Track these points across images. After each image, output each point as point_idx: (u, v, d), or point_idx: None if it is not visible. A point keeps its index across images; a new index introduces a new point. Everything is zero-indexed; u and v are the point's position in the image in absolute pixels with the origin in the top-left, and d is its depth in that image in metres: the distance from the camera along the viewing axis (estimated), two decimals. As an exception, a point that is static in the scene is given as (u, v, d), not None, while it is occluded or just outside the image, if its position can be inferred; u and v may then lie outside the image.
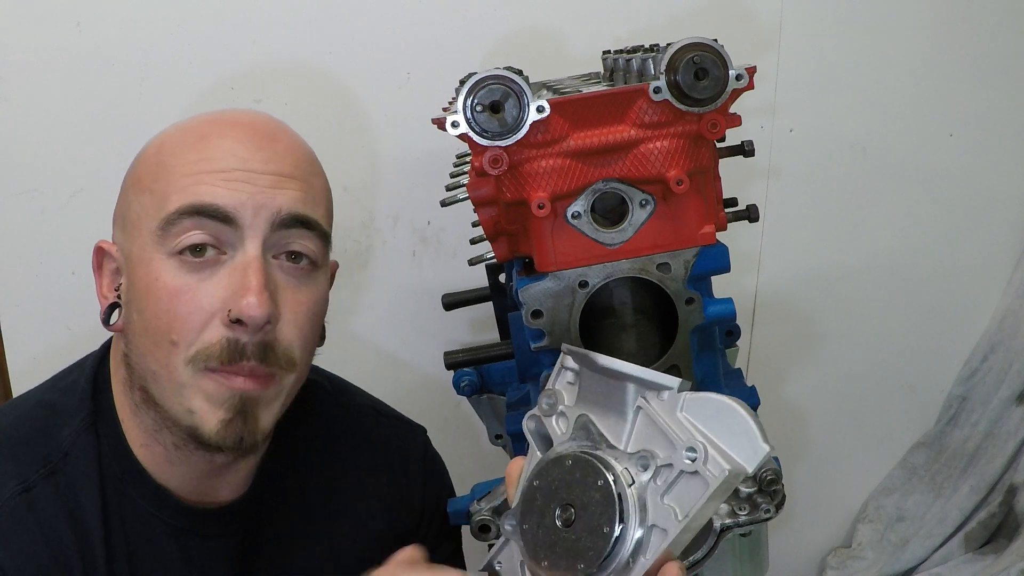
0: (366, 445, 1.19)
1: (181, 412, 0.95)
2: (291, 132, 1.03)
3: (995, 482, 2.00)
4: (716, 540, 0.96)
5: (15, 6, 1.60)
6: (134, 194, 0.99)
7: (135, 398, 0.99)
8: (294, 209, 0.96)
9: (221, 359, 0.93)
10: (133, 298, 0.97)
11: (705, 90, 0.88)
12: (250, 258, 0.94)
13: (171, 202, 0.94)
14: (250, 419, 0.96)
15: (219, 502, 1.06)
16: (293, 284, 0.97)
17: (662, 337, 0.96)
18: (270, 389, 0.97)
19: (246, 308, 0.91)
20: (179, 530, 1.03)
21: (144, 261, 0.95)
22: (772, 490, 0.96)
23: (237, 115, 1.02)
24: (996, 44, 1.92)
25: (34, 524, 0.96)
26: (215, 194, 0.93)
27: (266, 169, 0.96)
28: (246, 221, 0.94)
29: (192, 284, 0.93)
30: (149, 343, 0.95)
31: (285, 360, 0.96)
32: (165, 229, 0.94)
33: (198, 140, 0.97)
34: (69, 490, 0.98)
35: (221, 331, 0.93)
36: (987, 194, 1.99)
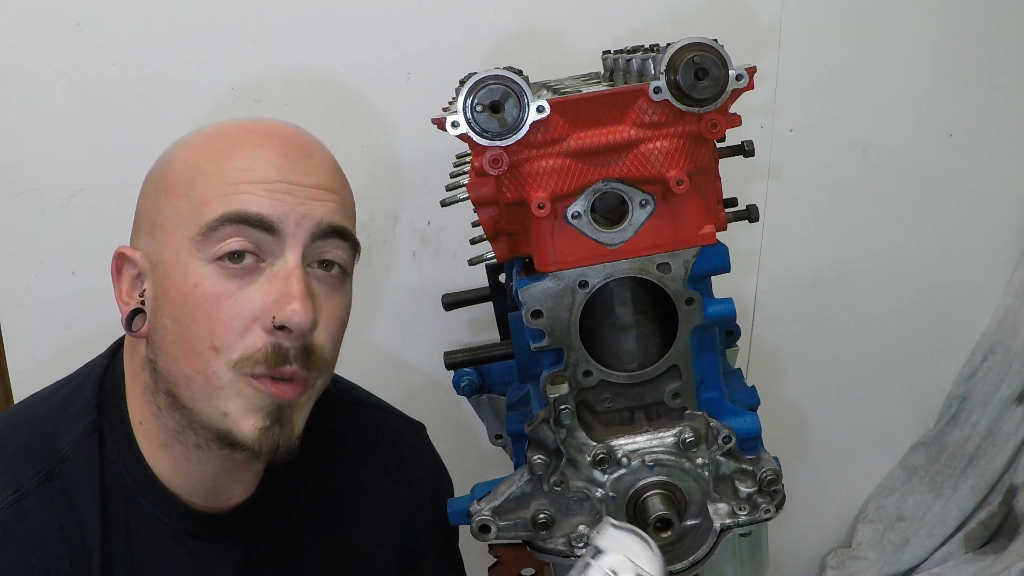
0: (372, 444, 1.20)
1: (215, 415, 0.96)
2: (322, 144, 1.05)
3: (995, 482, 2.00)
4: (716, 540, 0.96)
5: (15, 6, 1.60)
6: (166, 199, 0.98)
7: (159, 401, 0.99)
8: (333, 221, 0.99)
9: (267, 364, 0.94)
10: (164, 304, 0.97)
11: (705, 90, 0.88)
12: (292, 267, 0.95)
13: (212, 208, 0.94)
14: (287, 425, 0.97)
15: (227, 506, 1.06)
16: (326, 292, 1.00)
17: (662, 337, 0.96)
18: (305, 394, 0.99)
19: (291, 315, 0.93)
20: (187, 534, 1.03)
21: (179, 267, 0.95)
22: (772, 490, 0.96)
23: (271, 125, 1.03)
24: (996, 44, 1.93)
25: (25, 535, 0.95)
26: (260, 203, 0.95)
27: (306, 181, 0.98)
28: (288, 231, 0.96)
29: (232, 290, 0.94)
30: (186, 349, 0.95)
31: (323, 364, 0.99)
32: (206, 235, 0.94)
33: (237, 148, 0.98)
34: (64, 497, 0.98)
35: (264, 337, 0.94)
36: (987, 194, 1.99)
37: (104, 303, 1.14)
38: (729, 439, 0.95)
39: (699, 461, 0.95)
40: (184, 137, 1.03)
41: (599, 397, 0.96)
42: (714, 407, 0.98)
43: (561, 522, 0.96)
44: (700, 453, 0.95)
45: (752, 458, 0.97)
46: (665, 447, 0.95)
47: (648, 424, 0.97)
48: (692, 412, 0.96)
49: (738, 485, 0.97)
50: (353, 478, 1.16)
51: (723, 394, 0.99)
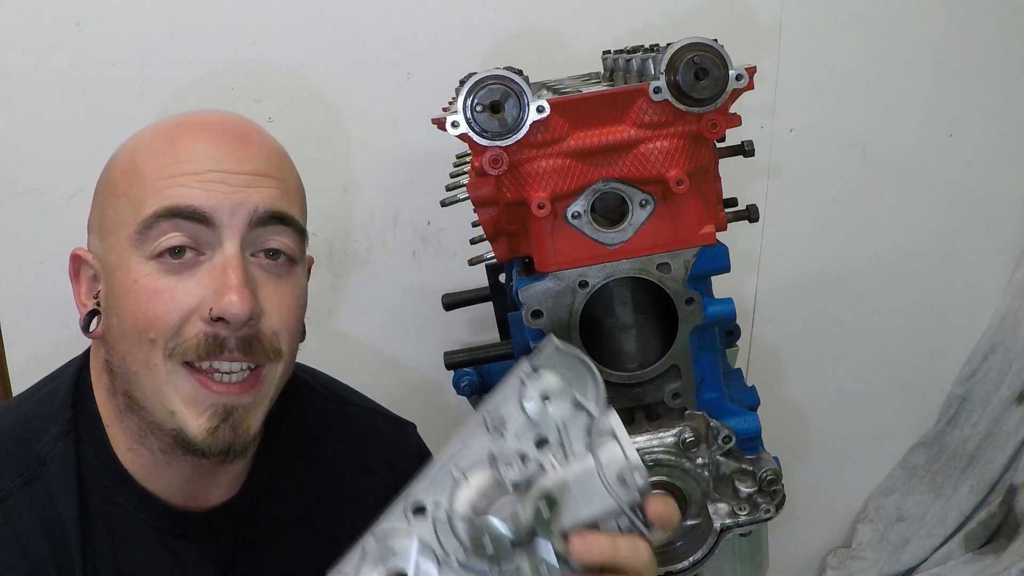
0: (358, 444, 1.19)
1: (164, 414, 0.95)
2: (263, 131, 1.03)
3: (995, 482, 2.00)
4: (716, 540, 0.96)
5: (15, 6, 1.60)
6: (108, 200, 0.99)
7: (119, 404, 0.99)
8: (271, 206, 0.97)
9: (199, 352, 0.93)
10: (112, 303, 0.97)
11: (705, 90, 0.88)
12: (229, 257, 0.94)
13: (147, 206, 0.94)
14: (239, 426, 0.96)
15: (209, 505, 1.05)
16: (273, 280, 0.98)
17: (662, 337, 0.96)
18: (256, 391, 0.97)
19: (228, 306, 0.92)
20: (169, 535, 1.02)
21: (122, 266, 0.96)
22: (772, 490, 0.96)
23: (208, 116, 1.02)
24: (996, 44, 1.92)
25: (11, 536, 0.96)
26: (191, 195, 0.94)
27: (240, 169, 0.96)
28: (223, 220, 0.94)
29: (171, 284, 0.94)
30: (129, 344, 0.95)
31: (272, 351, 0.97)
32: (143, 233, 0.94)
33: (170, 143, 0.97)
34: (46, 498, 0.98)
35: (200, 326, 0.93)
36: (987, 194, 1.99)
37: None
38: (729, 439, 0.95)
39: (699, 461, 0.95)
40: (129, 137, 1.03)
41: (599, 397, 0.96)
42: (714, 407, 0.98)
43: (561, 522, 0.96)
44: (700, 453, 0.95)
45: (752, 458, 0.97)
46: (665, 447, 0.95)
47: (648, 424, 0.96)
48: (692, 412, 0.96)
49: (738, 485, 0.97)
50: (338, 477, 1.16)
51: (723, 394, 0.99)
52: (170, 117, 1.03)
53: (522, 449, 0.78)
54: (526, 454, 0.78)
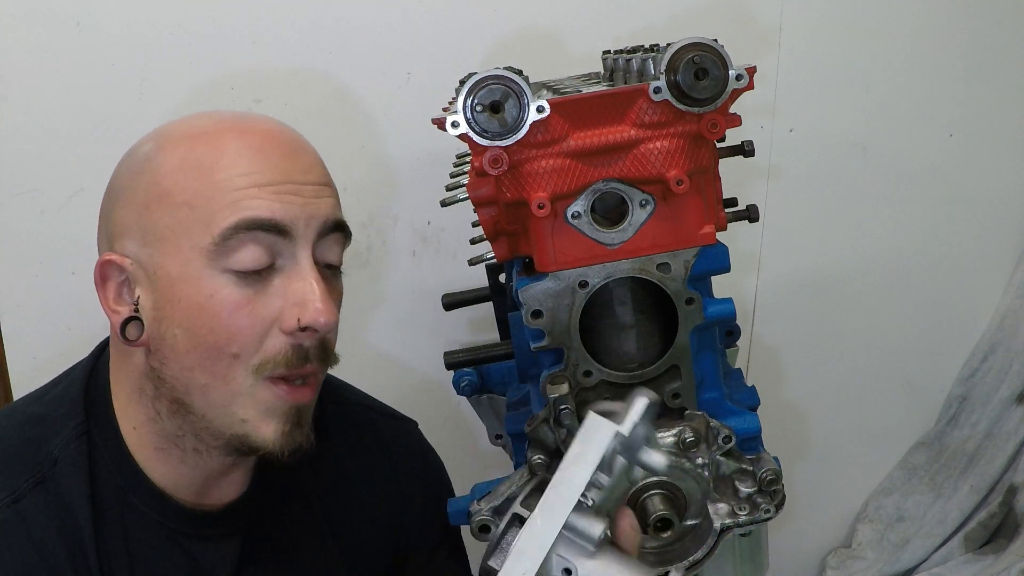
0: (361, 442, 1.20)
1: (231, 421, 0.96)
2: (306, 139, 1.04)
3: (995, 482, 2.00)
4: (716, 540, 0.96)
5: (15, 6, 1.60)
6: (163, 208, 0.96)
7: (160, 407, 0.99)
8: (336, 216, 1.00)
9: (288, 365, 0.95)
10: (172, 314, 0.96)
11: (705, 90, 0.88)
12: (307, 268, 0.96)
13: (223, 217, 0.94)
14: (304, 426, 0.99)
15: (220, 504, 1.06)
16: (331, 287, 1.00)
17: (662, 337, 0.96)
18: (315, 393, 1.01)
19: (317, 315, 0.94)
20: (181, 534, 1.03)
21: (190, 278, 0.95)
22: (772, 490, 0.96)
23: (258, 124, 1.01)
24: (996, 44, 1.93)
25: (25, 536, 0.96)
26: (272, 208, 0.94)
27: (306, 180, 0.98)
28: (299, 232, 0.96)
29: (250, 296, 0.95)
30: (202, 357, 0.95)
31: (335, 358, 1.02)
32: (220, 245, 0.94)
33: (233, 152, 0.96)
34: (59, 499, 0.98)
35: (283, 339, 0.95)
36: (987, 194, 1.99)
37: (104, 303, 1.14)
38: (729, 439, 0.95)
39: (699, 461, 0.95)
40: (156, 139, 1.00)
41: (599, 397, 0.96)
42: (714, 407, 0.97)
43: (561, 522, 0.96)
44: (700, 453, 0.95)
45: (752, 458, 0.97)
46: (665, 447, 0.95)
47: (648, 424, 0.96)
48: (692, 412, 0.96)
49: (738, 485, 0.96)
50: (342, 475, 1.17)
51: (723, 394, 0.99)
52: (208, 118, 1.01)
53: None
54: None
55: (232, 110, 1.06)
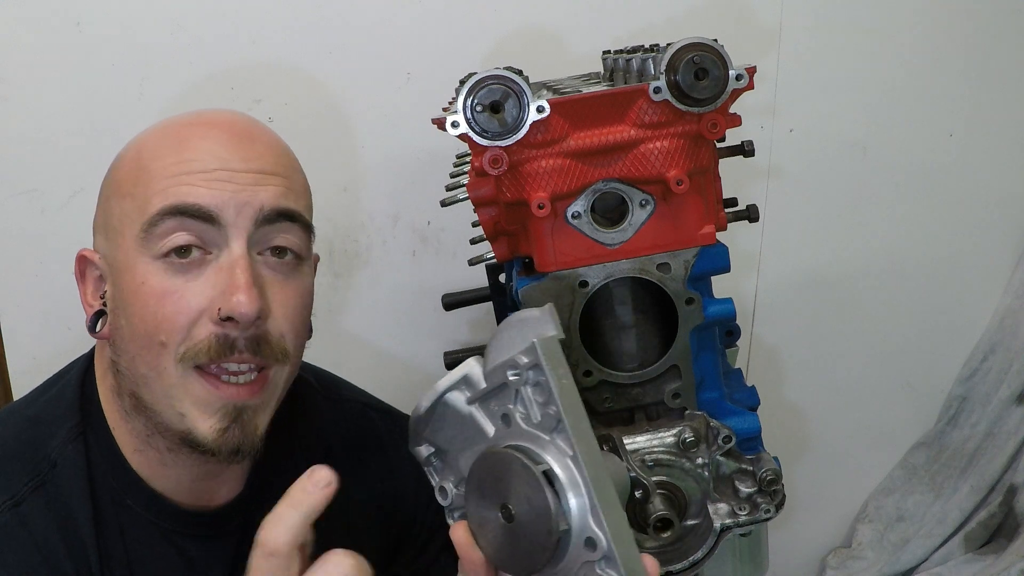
0: (357, 439, 1.20)
1: (173, 416, 0.95)
2: (269, 130, 1.03)
3: (995, 482, 2.00)
4: (716, 540, 0.96)
5: (15, 6, 1.60)
6: (115, 200, 0.98)
7: (125, 404, 0.99)
8: (277, 204, 0.97)
9: (210, 355, 0.93)
10: (120, 304, 0.97)
11: (705, 90, 0.88)
12: (236, 256, 0.94)
13: (153, 204, 0.94)
14: (248, 426, 0.96)
15: (215, 504, 1.06)
16: (280, 279, 0.98)
17: (662, 337, 0.96)
18: (264, 393, 0.98)
19: (236, 305, 0.92)
20: (177, 534, 1.03)
21: (129, 266, 0.95)
22: (772, 490, 0.96)
23: (215, 115, 1.02)
24: (996, 44, 1.92)
25: (27, 538, 0.96)
26: (197, 194, 0.93)
27: (246, 167, 0.96)
28: (229, 219, 0.94)
29: (179, 285, 0.94)
30: (138, 346, 0.95)
31: (279, 352, 0.97)
32: (148, 231, 0.94)
33: (177, 142, 0.97)
34: (59, 501, 0.98)
35: (210, 328, 0.93)
36: (987, 194, 1.99)
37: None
38: (729, 439, 0.95)
39: (699, 461, 0.95)
40: (133, 138, 1.03)
41: (599, 397, 0.96)
42: (714, 407, 0.97)
43: (561, 522, 0.96)
44: (700, 453, 0.95)
45: (752, 458, 0.97)
46: (665, 447, 0.95)
47: (648, 424, 0.96)
48: (692, 412, 0.96)
49: (738, 485, 0.96)
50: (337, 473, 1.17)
51: (723, 394, 0.99)
52: (177, 116, 1.02)
53: None
54: None
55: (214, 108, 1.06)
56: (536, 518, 0.72)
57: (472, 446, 0.80)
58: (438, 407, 0.83)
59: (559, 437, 0.72)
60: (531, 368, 0.74)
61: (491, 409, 0.79)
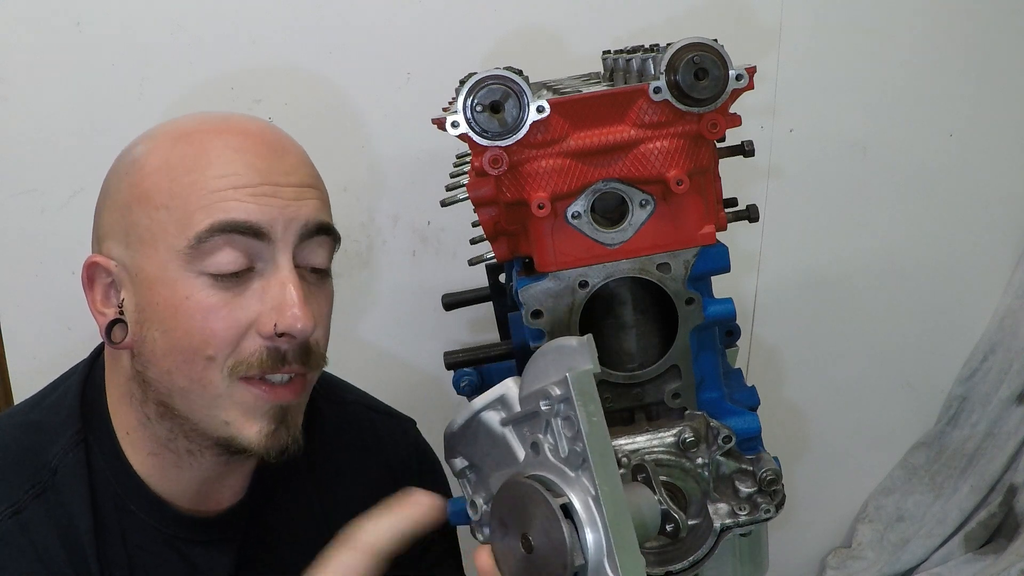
0: (358, 441, 1.20)
1: (215, 424, 0.96)
2: (294, 140, 1.03)
3: (995, 482, 2.00)
4: (716, 540, 0.96)
5: (15, 6, 1.60)
6: (141, 210, 0.96)
7: (148, 411, 0.99)
8: (318, 219, 0.98)
9: (262, 367, 0.94)
10: (151, 317, 0.95)
11: (705, 90, 0.88)
12: (286, 272, 0.95)
13: (198, 220, 0.93)
14: (291, 426, 0.98)
15: (217, 509, 1.06)
16: (315, 290, 0.99)
17: (662, 337, 0.96)
18: (304, 393, 1.00)
19: (294, 322, 0.93)
20: (180, 540, 1.03)
21: (167, 280, 0.94)
22: (772, 490, 0.96)
23: (241, 124, 1.01)
24: (996, 44, 1.93)
25: (28, 546, 0.96)
26: (248, 210, 0.93)
27: (288, 181, 0.96)
28: (278, 235, 0.95)
29: (227, 299, 0.94)
30: (177, 360, 0.95)
31: (320, 359, 1.00)
32: (195, 247, 0.93)
33: (212, 153, 0.96)
34: (60, 508, 0.98)
35: (259, 342, 0.94)
36: (987, 194, 1.99)
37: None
38: (729, 439, 0.95)
39: (699, 461, 0.95)
40: (146, 138, 1.00)
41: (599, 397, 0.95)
42: (714, 407, 0.97)
43: (561, 522, 0.96)
44: (700, 453, 0.95)
45: (752, 458, 0.97)
46: (665, 447, 0.94)
47: (648, 424, 0.96)
48: (692, 412, 0.96)
49: (738, 485, 0.96)
50: (340, 477, 1.16)
51: (723, 394, 0.99)
52: (196, 120, 1.00)
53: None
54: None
55: (224, 111, 1.05)
56: (553, 550, 0.72)
57: (503, 468, 0.80)
58: (472, 424, 0.83)
59: (584, 475, 0.72)
60: (562, 401, 0.74)
61: (523, 434, 0.79)
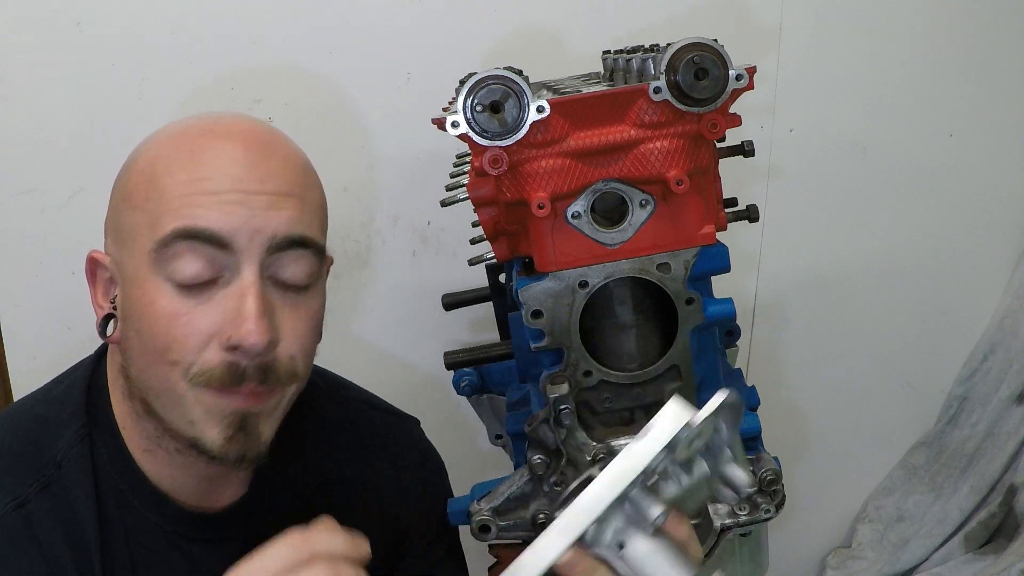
0: (362, 440, 1.20)
1: (183, 423, 0.95)
2: (286, 142, 1.00)
3: (995, 482, 2.00)
4: (716, 540, 0.96)
5: (15, 6, 1.60)
6: (126, 209, 0.96)
7: (135, 407, 0.99)
8: (290, 231, 0.94)
9: (222, 381, 0.92)
10: (130, 315, 0.96)
11: (705, 90, 0.88)
12: (246, 284, 0.92)
13: (164, 224, 0.92)
14: (252, 434, 0.96)
15: (220, 506, 1.06)
16: (291, 303, 0.96)
17: (662, 337, 0.96)
18: (270, 401, 0.97)
19: (246, 335, 0.90)
20: (181, 537, 1.03)
21: (139, 281, 0.94)
22: (772, 490, 0.96)
23: (231, 125, 0.99)
24: (996, 44, 1.92)
25: (30, 539, 0.96)
26: (209, 218, 0.91)
27: (261, 189, 0.93)
28: (242, 246, 0.92)
29: (189, 307, 0.92)
30: (148, 361, 0.95)
31: (287, 376, 0.96)
32: (159, 251, 0.92)
33: (190, 156, 0.94)
34: (64, 503, 0.98)
35: (220, 354, 0.92)
36: (987, 194, 1.99)
37: (104, 303, 1.13)
38: (729, 439, 0.95)
39: (699, 461, 0.95)
40: (148, 139, 1.00)
41: (599, 397, 0.96)
42: (714, 407, 0.97)
43: (561, 522, 0.96)
44: (700, 453, 0.95)
45: (752, 458, 0.97)
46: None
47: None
48: (692, 412, 0.96)
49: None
50: (342, 475, 1.16)
51: (723, 394, 0.99)
52: (192, 120, 0.99)
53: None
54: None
55: (224, 112, 1.04)
56: None
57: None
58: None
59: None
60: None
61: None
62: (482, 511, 0.97)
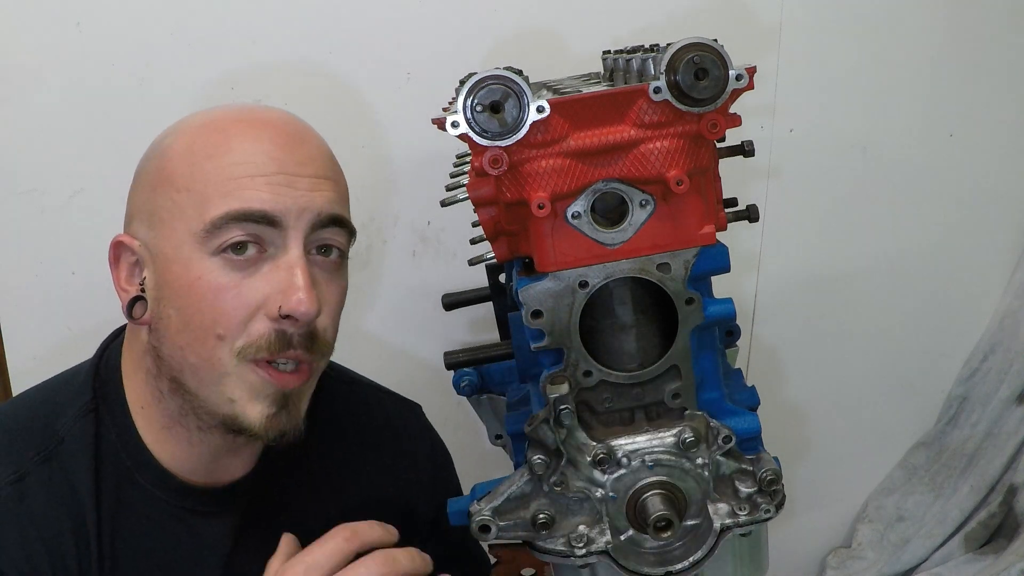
0: (369, 421, 1.22)
1: (221, 401, 0.98)
2: (314, 131, 1.07)
3: (995, 482, 2.00)
4: (716, 540, 0.96)
5: (15, 6, 1.60)
6: (164, 191, 1.00)
7: (162, 386, 1.02)
8: (331, 210, 1.01)
9: (270, 350, 0.97)
10: (168, 295, 0.99)
11: (705, 90, 0.87)
12: (295, 258, 0.98)
13: (215, 205, 0.96)
14: (293, 412, 1.00)
15: (225, 482, 1.09)
16: (326, 277, 1.02)
17: (662, 337, 0.96)
18: (309, 380, 1.02)
19: (298, 304, 0.96)
20: (186, 511, 1.06)
21: (182, 260, 0.98)
22: (772, 490, 0.96)
23: (265, 115, 1.04)
24: (996, 44, 1.92)
25: (25, 514, 0.98)
26: (261, 199, 0.96)
27: (303, 171, 1.00)
28: (289, 223, 0.98)
29: (236, 280, 0.97)
30: (189, 337, 0.98)
31: (325, 347, 1.02)
32: (210, 232, 0.96)
33: (233, 141, 0.99)
34: (64, 476, 1.01)
35: (268, 324, 0.97)
36: (987, 194, 1.99)
37: (104, 303, 1.14)
38: (729, 439, 0.95)
39: (699, 461, 0.95)
40: (177, 125, 1.04)
41: (599, 397, 0.96)
42: (714, 407, 0.97)
43: (561, 522, 0.96)
44: (700, 453, 0.95)
45: (752, 458, 0.97)
46: (665, 447, 0.95)
47: (648, 424, 0.96)
48: (692, 412, 0.96)
49: (738, 485, 0.97)
50: (349, 453, 1.18)
51: (723, 394, 0.99)
52: (220, 110, 1.04)
53: None
54: None
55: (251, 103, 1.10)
56: None
57: None
58: None
59: None
60: None
61: None
62: (482, 511, 0.97)
